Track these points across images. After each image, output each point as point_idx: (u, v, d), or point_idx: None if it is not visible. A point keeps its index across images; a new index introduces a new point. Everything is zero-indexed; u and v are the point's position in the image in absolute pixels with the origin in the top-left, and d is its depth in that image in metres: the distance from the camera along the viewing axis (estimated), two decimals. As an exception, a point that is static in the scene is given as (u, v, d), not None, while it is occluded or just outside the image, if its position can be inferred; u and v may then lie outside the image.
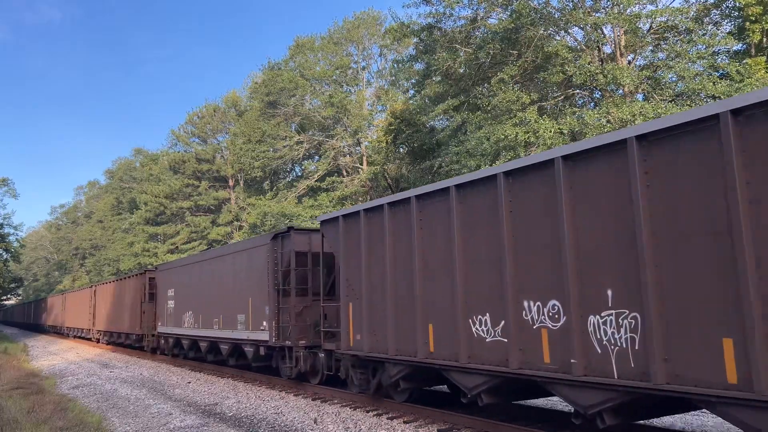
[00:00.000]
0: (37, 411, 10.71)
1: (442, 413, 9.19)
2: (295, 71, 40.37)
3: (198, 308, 18.01)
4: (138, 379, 17.01)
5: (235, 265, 15.67)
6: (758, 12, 18.88)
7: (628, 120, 17.28)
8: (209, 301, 17.13)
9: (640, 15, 19.32)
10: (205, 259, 18.37)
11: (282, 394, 12.77)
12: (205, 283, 17.67)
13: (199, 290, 18.01)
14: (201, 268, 18.22)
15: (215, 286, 16.82)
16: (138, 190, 58.99)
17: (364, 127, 37.74)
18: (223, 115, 52.73)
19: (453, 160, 21.96)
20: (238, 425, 9.66)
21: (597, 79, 19.34)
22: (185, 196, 52.20)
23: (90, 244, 76.07)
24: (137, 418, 10.70)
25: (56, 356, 27.15)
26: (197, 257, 19.69)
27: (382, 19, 40.70)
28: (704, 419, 8.83)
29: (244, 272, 15.08)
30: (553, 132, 18.80)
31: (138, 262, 53.79)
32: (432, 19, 24.47)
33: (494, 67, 22.47)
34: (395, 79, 39.23)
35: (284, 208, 36.42)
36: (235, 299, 15.36)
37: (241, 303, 15.03)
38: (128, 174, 70.57)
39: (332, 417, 9.90)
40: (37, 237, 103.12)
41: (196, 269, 18.65)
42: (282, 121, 41.75)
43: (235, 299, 15.36)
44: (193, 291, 18.62)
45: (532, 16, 20.43)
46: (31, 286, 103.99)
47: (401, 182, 32.06)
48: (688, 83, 18.24)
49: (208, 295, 17.26)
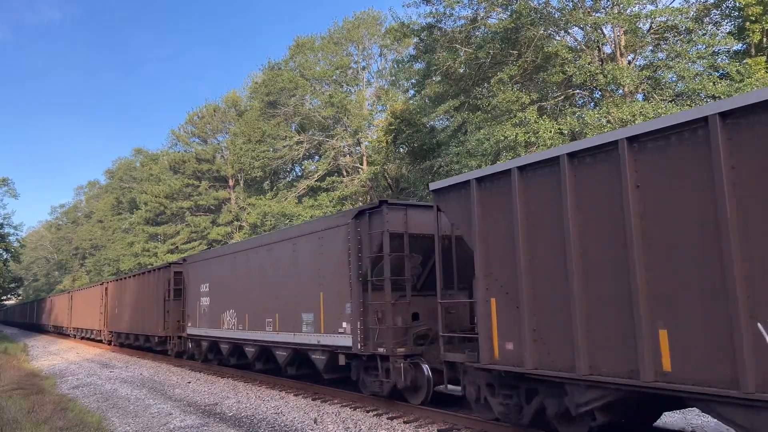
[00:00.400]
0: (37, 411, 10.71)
1: (443, 413, 9.19)
2: (295, 71, 40.38)
3: (243, 306, 15.26)
4: (138, 379, 17.01)
5: (298, 252, 12.74)
6: (758, 12, 18.88)
7: (628, 120, 17.28)
8: (260, 297, 14.40)
9: (640, 15, 19.32)
10: (252, 247, 15.27)
11: (282, 394, 12.76)
12: (253, 275, 14.87)
13: (246, 284, 15.23)
14: (247, 258, 15.33)
15: (269, 279, 13.99)
16: (138, 190, 59.01)
17: (364, 127, 37.76)
18: (223, 115, 52.75)
19: (453, 160, 21.96)
20: (238, 425, 9.67)
21: (597, 79, 19.35)
22: (185, 196, 52.21)
23: (90, 244, 76.09)
24: (137, 418, 10.70)
25: (56, 356, 27.15)
26: (241, 245, 16.50)
27: (382, 19, 40.76)
28: (704, 419, 8.82)
29: (311, 260, 12.18)
30: (553, 132, 18.81)
31: (138, 262, 53.81)
32: (432, 19, 24.49)
33: (494, 67, 22.47)
34: (395, 79, 39.25)
35: (284, 208, 36.44)
36: (299, 295, 12.52)
37: (307, 299, 12.19)
38: (128, 174, 70.58)
39: (332, 417, 9.90)
40: (37, 237, 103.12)
41: (240, 260, 15.76)
42: (282, 121, 41.76)
43: (299, 295, 12.52)
44: (236, 285, 15.81)
45: (532, 16, 20.44)
46: (31, 286, 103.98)
47: (401, 182, 32.07)
48: (688, 83, 18.24)
49: (259, 289, 14.50)
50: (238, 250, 16.17)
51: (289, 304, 12.91)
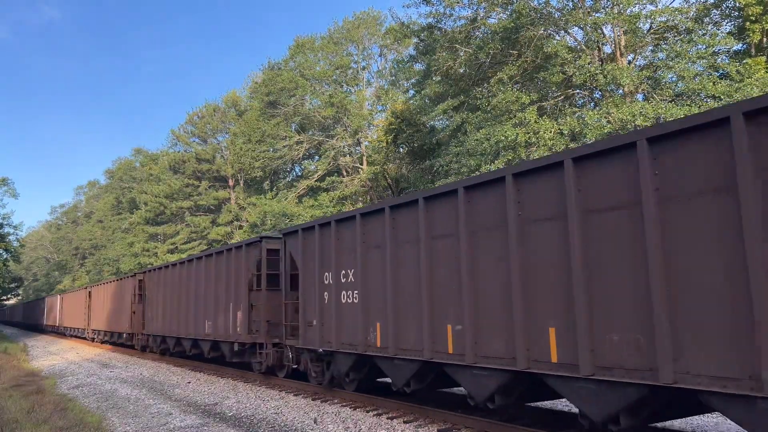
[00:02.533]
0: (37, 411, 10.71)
1: (442, 413, 9.19)
2: (295, 71, 40.40)
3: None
4: (138, 379, 17.01)
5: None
6: (758, 12, 18.89)
7: (628, 120, 17.29)
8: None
9: (640, 15, 19.33)
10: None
11: (282, 394, 12.77)
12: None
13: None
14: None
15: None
16: (138, 190, 59.03)
17: (364, 127, 37.78)
18: (223, 115, 52.77)
19: (453, 160, 21.97)
20: (238, 425, 9.67)
21: (597, 80, 19.35)
22: (185, 196, 52.23)
23: (90, 244, 76.10)
24: (137, 418, 10.70)
25: (56, 356, 27.16)
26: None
27: (382, 19, 40.79)
28: (704, 419, 8.83)
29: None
30: (552, 132, 18.81)
31: (138, 262, 53.78)
32: (432, 19, 24.52)
33: (494, 67, 22.48)
34: (395, 79, 39.28)
35: (285, 207, 36.46)
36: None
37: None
38: (128, 174, 70.58)
39: (332, 417, 9.91)
40: (37, 237, 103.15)
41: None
42: (282, 121, 41.78)
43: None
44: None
45: (532, 16, 20.45)
46: (31, 286, 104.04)
47: (401, 182, 32.09)
48: (688, 83, 18.25)
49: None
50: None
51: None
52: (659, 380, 5.53)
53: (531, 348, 6.90)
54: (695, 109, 17.05)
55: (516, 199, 7.17)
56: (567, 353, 6.47)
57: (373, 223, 10.00)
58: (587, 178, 6.35)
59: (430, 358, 8.48)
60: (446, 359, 8.21)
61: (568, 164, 6.50)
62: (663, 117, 16.96)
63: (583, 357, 6.23)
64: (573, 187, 6.44)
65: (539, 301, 6.85)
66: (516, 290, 7.06)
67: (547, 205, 6.81)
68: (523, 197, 7.12)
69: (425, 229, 8.69)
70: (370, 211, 10.15)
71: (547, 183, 6.81)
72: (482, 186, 7.76)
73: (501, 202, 7.38)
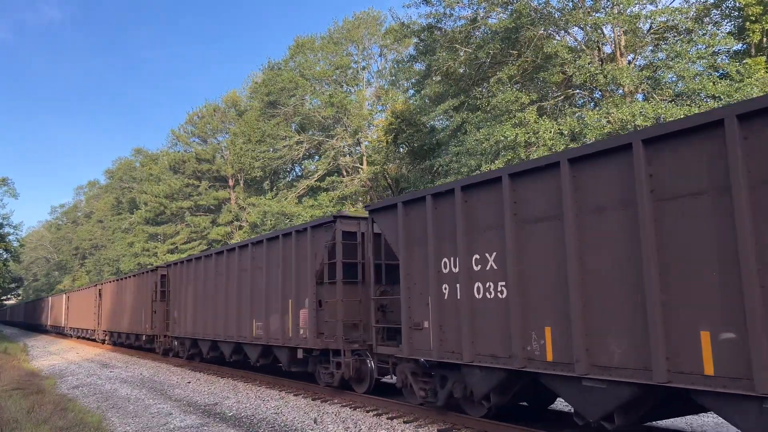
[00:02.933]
0: (37, 411, 10.71)
1: (443, 413, 9.18)
2: (295, 71, 40.41)
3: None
4: (138, 379, 17.01)
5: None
6: (758, 12, 18.90)
7: (628, 120, 17.28)
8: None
9: (640, 15, 19.33)
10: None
11: (282, 394, 12.77)
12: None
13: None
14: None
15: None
16: (138, 190, 59.02)
17: (364, 127, 37.79)
18: (223, 115, 52.77)
19: (453, 159, 21.97)
20: (238, 425, 9.67)
21: (597, 80, 19.35)
22: (185, 196, 52.22)
23: (90, 244, 76.10)
24: (137, 418, 10.70)
25: (56, 356, 27.16)
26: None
27: (382, 19, 40.82)
28: (705, 419, 8.83)
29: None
30: (552, 132, 18.81)
31: (138, 262, 53.79)
32: (432, 19, 24.52)
33: (494, 67, 22.49)
34: (395, 79, 39.27)
35: (284, 207, 36.46)
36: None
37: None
38: (128, 174, 70.58)
39: (332, 417, 9.91)
40: (37, 237, 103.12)
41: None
42: (282, 121, 41.78)
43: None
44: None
45: (532, 15, 20.45)
46: (31, 286, 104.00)
47: (401, 182, 32.08)
48: (688, 83, 18.25)
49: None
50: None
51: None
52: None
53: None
54: (695, 109, 17.05)
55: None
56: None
57: (530, 185, 7.15)
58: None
59: (666, 381, 5.55)
60: (700, 384, 5.30)
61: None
62: (663, 117, 16.96)
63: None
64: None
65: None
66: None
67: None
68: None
69: (645, 186, 5.79)
70: (525, 169, 7.25)
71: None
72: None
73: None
